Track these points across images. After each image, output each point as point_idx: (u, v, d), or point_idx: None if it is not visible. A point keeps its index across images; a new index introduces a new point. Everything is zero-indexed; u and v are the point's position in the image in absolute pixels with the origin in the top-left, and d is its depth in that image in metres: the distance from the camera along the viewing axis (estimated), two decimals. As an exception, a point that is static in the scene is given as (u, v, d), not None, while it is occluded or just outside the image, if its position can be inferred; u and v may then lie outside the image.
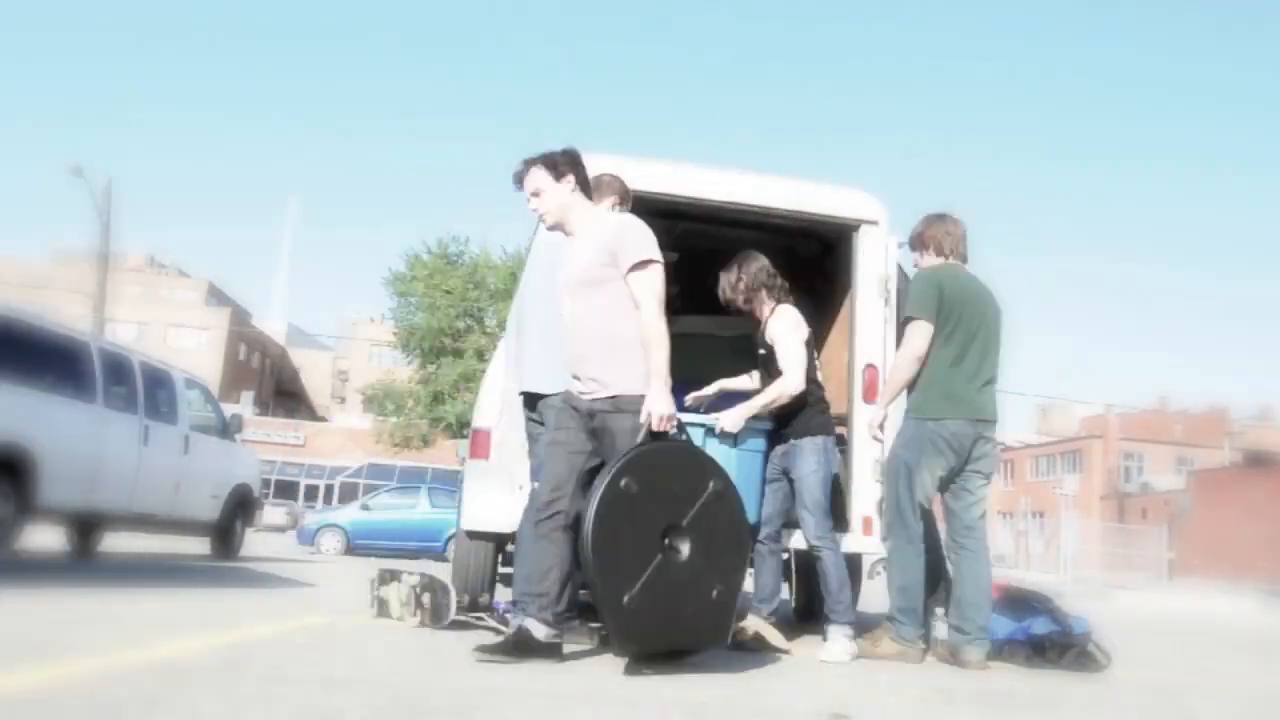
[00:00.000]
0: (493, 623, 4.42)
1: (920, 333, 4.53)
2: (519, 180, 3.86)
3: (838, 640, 4.50)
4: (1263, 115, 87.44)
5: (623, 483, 3.42)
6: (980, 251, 4.94)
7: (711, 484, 3.61)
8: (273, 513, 29.79)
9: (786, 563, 5.82)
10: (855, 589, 6.46)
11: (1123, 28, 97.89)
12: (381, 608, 4.74)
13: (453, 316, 27.60)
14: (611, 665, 3.66)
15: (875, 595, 11.25)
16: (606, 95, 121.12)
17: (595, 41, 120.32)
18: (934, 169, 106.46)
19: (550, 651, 3.59)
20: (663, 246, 6.27)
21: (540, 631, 3.58)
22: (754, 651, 4.30)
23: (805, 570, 6.21)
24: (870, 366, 5.37)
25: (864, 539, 5.27)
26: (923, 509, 4.65)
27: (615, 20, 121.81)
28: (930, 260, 4.77)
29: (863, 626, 6.57)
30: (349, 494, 37.45)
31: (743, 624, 4.44)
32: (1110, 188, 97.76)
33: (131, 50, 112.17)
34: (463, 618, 4.49)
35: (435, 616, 4.38)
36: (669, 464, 3.62)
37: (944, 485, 4.62)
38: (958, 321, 4.56)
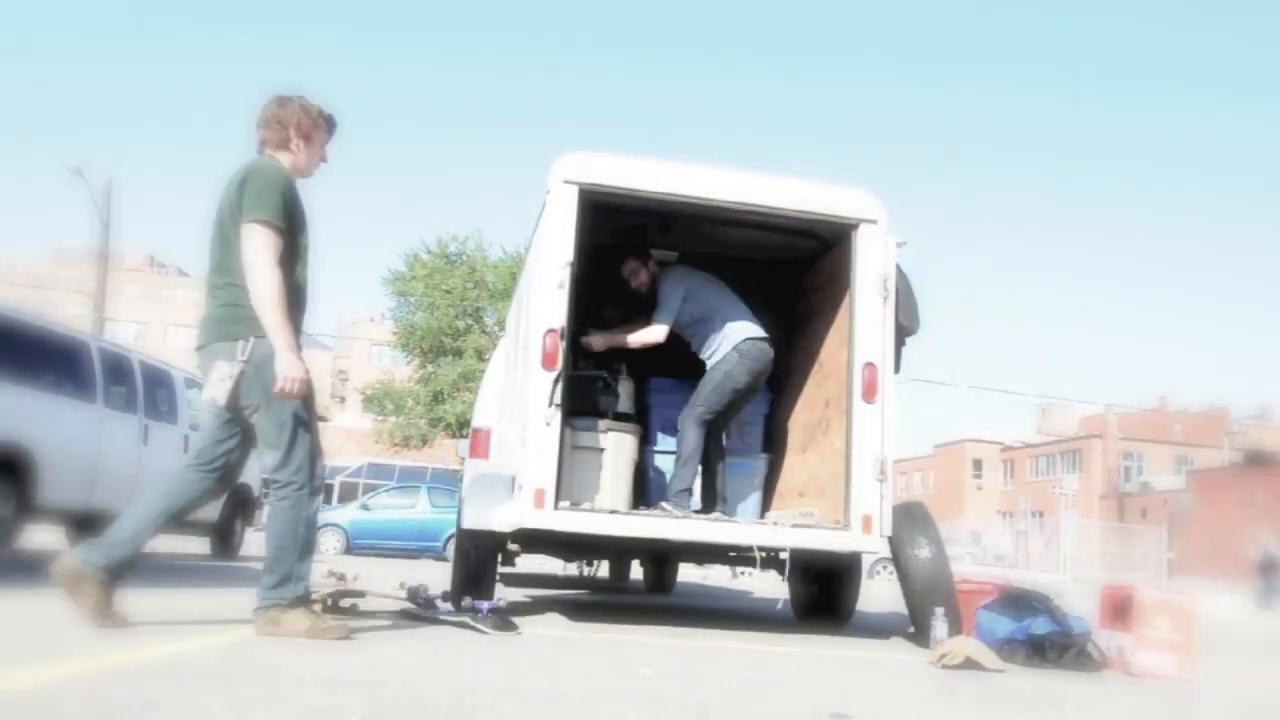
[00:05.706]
0: (471, 622, 4.41)
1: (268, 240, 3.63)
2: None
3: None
4: (1266, 117, 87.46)
5: None
6: (981, 250, 4.92)
7: None
8: (272, 513, 29.72)
9: (786, 562, 5.80)
10: (855, 588, 6.45)
11: (1135, 25, 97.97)
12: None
13: (452, 316, 27.58)
14: (611, 665, 3.66)
15: (876, 595, 11.27)
16: (606, 95, 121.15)
17: (594, 41, 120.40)
18: (933, 167, 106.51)
19: None
20: (662, 246, 6.33)
21: None
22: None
23: (805, 570, 6.19)
24: (869, 365, 5.36)
25: (864, 538, 5.26)
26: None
27: (615, 20, 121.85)
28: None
29: (863, 627, 6.58)
30: (349, 494, 37.34)
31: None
32: (1110, 187, 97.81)
33: (131, 51, 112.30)
34: (452, 618, 4.50)
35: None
36: None
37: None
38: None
